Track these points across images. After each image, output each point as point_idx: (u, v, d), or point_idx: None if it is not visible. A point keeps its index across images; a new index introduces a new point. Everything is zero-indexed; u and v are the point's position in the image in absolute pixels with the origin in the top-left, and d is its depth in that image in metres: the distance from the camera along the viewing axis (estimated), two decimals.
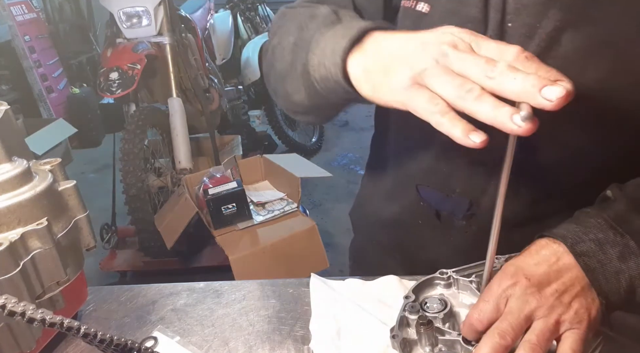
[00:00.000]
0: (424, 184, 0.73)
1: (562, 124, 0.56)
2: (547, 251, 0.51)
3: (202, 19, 3.22)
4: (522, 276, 0.49)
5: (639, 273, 0.49)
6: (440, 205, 0.73)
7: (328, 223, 2.74)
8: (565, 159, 0.61)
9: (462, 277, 0.59)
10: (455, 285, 0.60)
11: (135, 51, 2.40)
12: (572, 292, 0.48)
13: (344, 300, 0.67)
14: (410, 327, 0.55)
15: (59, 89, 4.37)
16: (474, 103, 0.41)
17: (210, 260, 2.37)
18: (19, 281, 0.49)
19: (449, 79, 0.42)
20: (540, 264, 0.50)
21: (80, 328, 0.43)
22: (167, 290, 0.75)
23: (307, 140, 3.96)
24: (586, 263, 0.49)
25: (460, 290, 0.59)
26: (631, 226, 0.51)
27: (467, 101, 0.41)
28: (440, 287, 0.60)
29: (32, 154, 0.67)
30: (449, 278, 0.60)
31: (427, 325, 0.52)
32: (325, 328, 0.62)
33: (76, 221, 0.60)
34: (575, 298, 0.48)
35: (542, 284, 0.48)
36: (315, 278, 0.72)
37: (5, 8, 3.94)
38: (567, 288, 0.48)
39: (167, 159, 2.61)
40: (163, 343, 0.63)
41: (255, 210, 1.96)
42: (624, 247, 0.49)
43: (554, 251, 0.51)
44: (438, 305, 0.55)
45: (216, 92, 3.05)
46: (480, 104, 0.41)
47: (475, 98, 0.41)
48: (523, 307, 0.47)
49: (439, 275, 0.60)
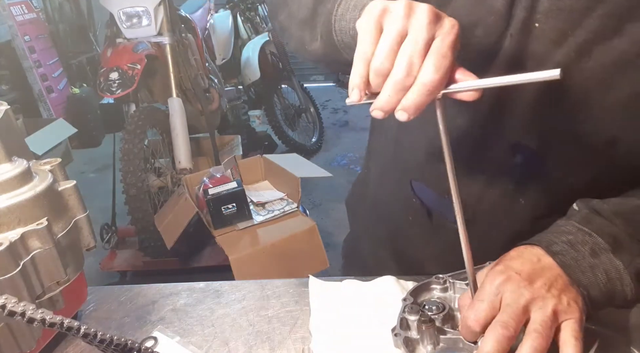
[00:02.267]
0: (419, 180, 0.72)
1: (580, 141, 0.57)
2: (528, 254, 0.54)
3: (202, 19, 3.22)
4: (512, 272, 0.51)
5: (612, 267, 0.51)
6: (433, 205, 0.72)
7: (328, 223, 2.74)
8: (577, 181, 0.61)
9: (458, 281, 0.59)
10: (451, 289, 0.60)
11: (135, 51, 2.40)
12: (558, 286, 0.50)
13: (343, 301, 0.67)
14: (411, 329, 0.55)
15: (59, 89, 4.38)
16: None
17: (210, 260, 2.37)
18: (19, 281, 0.49)
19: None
20: (525, 263, 0.52)
21: (80, 328, 0.43)
22: (167, 290, 0.75)
23: (307, 140, 3.96)
24: (562, 260, 0.52)
25: (457, 293, 0.59)
26: (596, 226, 0.54)
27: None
28: (436, 291, 0.60)
29: (32, 154, 0.67)
30: (445, 282, 0.60)
31: (429, 323, 0.53)
32: (324, 329, 0.62)
33: (76, 221, 0.60)
34: (562, 291, 0.50)
35: (531, 278, 0.50)
36: (313, 280, 0.72)
37: (5, 8, 3.94)
38: (552, 282, 0.50)
39: (167, 159, 2.61)
40: (163, 343, 0.63)
41: (255, 210, 1.96)
42: (594, 244, 0.52)
43: (534, 253, 0.53)
44: (437, 307, 0.56)
45: (216, 92, 3.06)
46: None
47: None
48: (519, 300, 0.48)
49: (435, 280, 0.60)
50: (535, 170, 0.61)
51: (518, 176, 0.62)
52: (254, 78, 3.54)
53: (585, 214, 0.55)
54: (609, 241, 0.52)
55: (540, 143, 0.59)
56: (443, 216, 0.71)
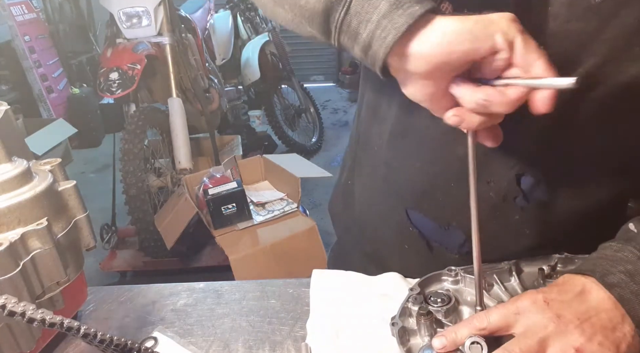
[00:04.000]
0: (416, 209, 0.67)
1: (589, 171, 0.55)
2: (573, 282, 0.49)
3: (202, 19, 3.22)
4: (540, 298, 0.47)
5: None
6: (432, 236, 0.67)
7: (328, 223, 2.72)
8: (587, 208, 0.59)
9: (469, 275, 0.59)
10: (462, 282, 0.60)
11: (135, 51, 2.40)
12: (597, 323, 0.45)
13: (345, 296, 0.67)
14: (412, 317, 0.56)
15: (59, 89, 4.37)
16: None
17: (210, 260, 2.37)
18: (19, 281, 0.49)
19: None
20: (562, 294, 0.48)
21: (80, 328, 0.43)
22: (167, 290, 0.75)
23: (307, 140, 3.96)
24: (620, 294, 0.47)
25: (467, 287, 0.60)
26: None
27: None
28: (447, 283, 0.61)
29: (32, 154, 0.67)
30: (456, 275, 0.60)
31: (427, 316, 0.53)
32: (323, 326, 0.62)
33: (76, 221, 0.60)
34: (600, 330, 0.45)
35: (562, 308, 0.46)
36: (317, 272, 0.71)
37: (5, 8, 3.94)
38: (591, 317, 0.45)
39: (167, 159, 2.61)
40: (163, 343, 0.63)
41: (255, 210, 1.96)
42: None
43: (580, 282, 0.49)
44: (441, 299, 0.56)
45: (216, 92, 3.05)
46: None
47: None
48: (538, 331, 0.45)
49: (447, 272, 0.61)
50: (541, 200, 0.59)
51: (524, 206, 0.59)
52: (254, 78, 3.54)
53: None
54: None
55: (547, 173, 0.57)
56: (443, 247, 0.67)
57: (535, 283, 0.60)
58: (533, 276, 0.61)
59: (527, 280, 0.61)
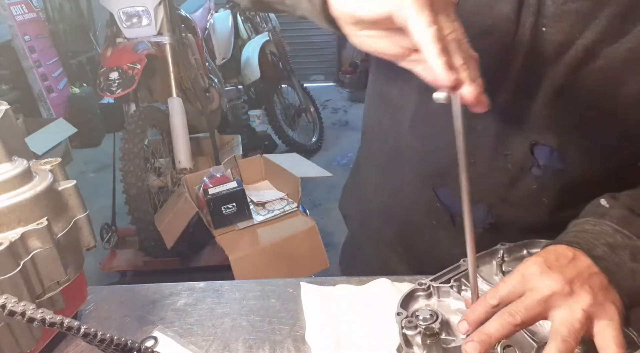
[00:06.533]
0: (442, 185, 0.71)
1: (595, 137, 0.58)
2: (563, 251, 0.52)
3: (202, 19, 3.22)
4: (542, 261, 0.50)
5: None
6: (456, 210, 0.71)
7: (328, 223, 2.74)
8: (596, 173, 0.61)
9: (441, 284, 0.59)
10: (435, 294, 0.59)
11: (135, 51, 2.40)
12: (594, 284, 0.48)
13: (337, 307, 0.67)
14: (414, 345, 0.53)
15: (59, 89, 4.37)
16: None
17: (210, 260, 2.37)
18: (19, 281, 0.49)
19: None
20: (559, 259, 0.50)
21: (80, 328, 0.43)
22: (167, 289, 0.75)
23: (307, 140, 3.96)
24: (605, 266, 0.50)
25: (442, 297, 0.59)
26: (635, 228, 0.53)
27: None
28: (422, 299, 0.59)
29: (32, 154, 0.67)
30: (428, 288, 0.59)
31: (434, 337, 0.51)
32: (322, 337, 0.62)
33: (76, 221, 0.60)
34: (599, 290, 0.47)
35: (564, 271, 0.48)
36: (305, 286, 0.71)
37: (5, 8, 3.94)
38: (587, 279, 0.48)
39: (167, 159, 2.61)
40: (163, 343, 0.63)
41: (255, 210, 1.96)
42: (633, 248, 0.51)
43: (570, 251, 0.51)
44: (429, 316, 0.55)
45: (216, 92, 3.05)
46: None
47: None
48: (543, 289, 0.47)
49: (418, 286, 0.60)
50: (556, 168, 0.62)
51: (540, 175, 0.63)
52: (254, 78, 3.54)
53: (623, 215, 0.54)
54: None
55: (558, 141, 0.60)
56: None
57: (495, 277, 0.61)
58: (492, 270, 0.62)
59: (489, 277, 0.61)
